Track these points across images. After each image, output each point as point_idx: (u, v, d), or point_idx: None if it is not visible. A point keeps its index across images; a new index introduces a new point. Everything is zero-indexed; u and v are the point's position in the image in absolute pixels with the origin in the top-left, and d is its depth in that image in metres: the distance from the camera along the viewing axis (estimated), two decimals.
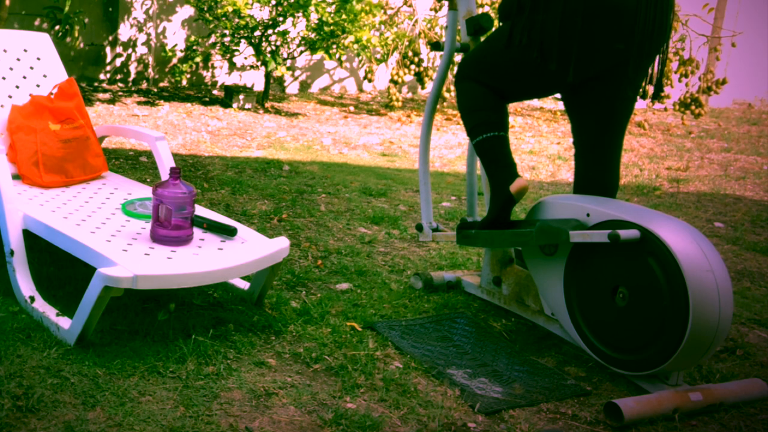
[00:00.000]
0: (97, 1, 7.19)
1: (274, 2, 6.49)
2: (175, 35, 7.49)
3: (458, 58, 7.02)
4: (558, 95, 2.73)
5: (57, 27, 6.10)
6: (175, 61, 7.25)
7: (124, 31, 7.30)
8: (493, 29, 2.72)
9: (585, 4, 2.35)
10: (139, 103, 6.62)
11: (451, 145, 6.09)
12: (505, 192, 2.54)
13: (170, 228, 2.43)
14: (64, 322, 2.33)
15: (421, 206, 2.97)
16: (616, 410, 2.12)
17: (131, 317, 2.49)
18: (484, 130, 2.57)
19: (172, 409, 2.01)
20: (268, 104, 7.03)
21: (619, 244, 2.25)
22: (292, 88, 8.22)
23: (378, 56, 7.28)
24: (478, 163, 3.12)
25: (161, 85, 7.59)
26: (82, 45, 7.14)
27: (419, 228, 2.96)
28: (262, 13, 6.70)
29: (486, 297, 2.89)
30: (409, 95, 8.66)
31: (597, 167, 2.61)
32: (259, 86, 7.72)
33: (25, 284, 2.50)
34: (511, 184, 2.52)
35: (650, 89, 2.64)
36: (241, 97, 6.84)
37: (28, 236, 2.56)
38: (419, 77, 7.02)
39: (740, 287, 3.30)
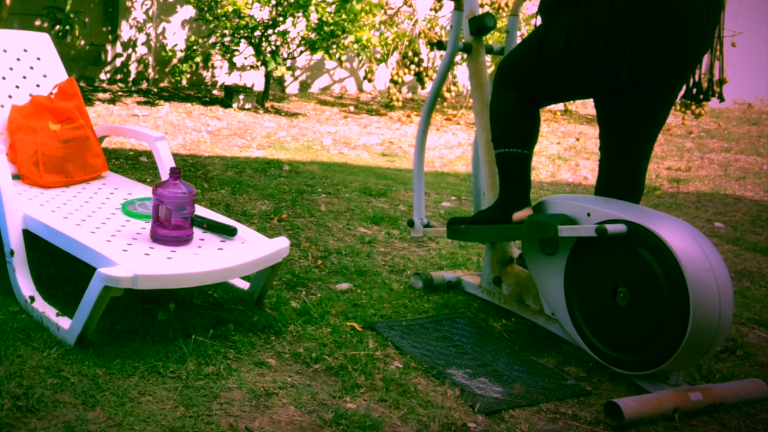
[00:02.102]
0: (97, 1, 7.19)
1: (274, 2, 6.49)
2: (175, 35, 7.49)
3: (458, 57, 7.03)
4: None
5: (57, 27, 6.10)
6: (175, 61, 7.25)
7: (124, 31, 7.30)
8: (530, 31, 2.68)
9: (637, 1, 2.25)
10: (139, 103, 6.62)
11: (451, 145, 6.09)
12: (508, 215, 2.54)
13: (170, 228, 2.43)
14: (64, 322, 2.33)
15: (414, 202, 2.99)
16: (616, 410, 2.12)
17: (131, 317, 2.49)
18: (509, 144, 2.51)
19: (172, 409, 2.01)
20: (268, 104, 7.03)
21: (615, 241, 2.26)
22: (292, 88, 8.22)
23: (378, 56, 7.28)
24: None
25: (161, 85, 7.59)
26: (82, 45, 7.14)
27: (410, 224, 2.98)
28: (262, 13, 6.70)
29: (486, 297, 2.89)
30: (409, 95, 8.66)
31: (624, 175, 2.55)
32: (259, 86, 7.72)
33: (25, 284, 2.50)
34: (517, 212, 2.52)
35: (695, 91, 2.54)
36: (241, 97, 6.84)
37: (28, 236, 2.56)
38: (419, 77, 7.02)
39: (740, 287, 3.30)
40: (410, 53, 6.91)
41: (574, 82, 2.43)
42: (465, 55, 2.90)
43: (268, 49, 6.76)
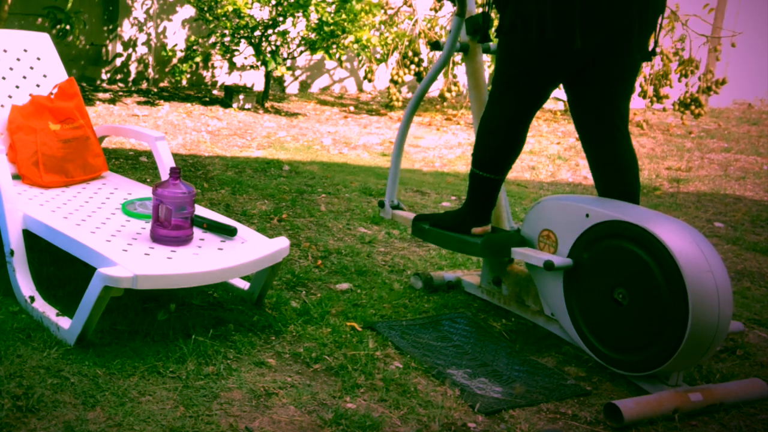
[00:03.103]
0: (98, 0, 7.19)
1: (274, 2, 6.49)
2: (175, 35, 7.49)
3: (458, 57, 7.03)
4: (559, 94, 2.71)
5: (57, 27, 6.10)
6: (175, 61, 7.25)
7: (125, 31, 7.30)
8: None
9: None
10: (139, 103, 6.62)
11: (451, 145, 6.09)
12: (467, 227, 2.67)
13: (170, 228, 2.43)
14: (64, 322, 2.33)
15: (388, 184, 3.04)
16: (616, 411, 2.12)
17: (131, 317, 2.49)
18: (485, 168, 2.62)
19: (172, 409, 2.01)
20: (268, 104, 7.03)
21: (613, 246, 2.29)
22: (292, 88, 8.22)
23: (378, 56, 7.28)
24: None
25: (161, 85, 7.59)
26: (82, 44, 7.14)
27: (381, 204, 3.06)
28: (262, 13, 6.70)
29: (486, 297, 2.89)
30: (409, 95, 8.66)
31: (611, 157, 2.58)
32: (259, 86, 7.72)
33: (25, 284, 2.50)
34: (476, 227, 2.66)
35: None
36: (241, 97, 6.84)
37: (28, 236, 2.56)
38: (419, 77, 7.02)
39: (740, 287, 3.30)
40: (410, 53, 6.91)
41: (541, 64, 2.47)
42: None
43: (268, 49, 6.76)
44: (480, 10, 2.79)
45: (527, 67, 2.50)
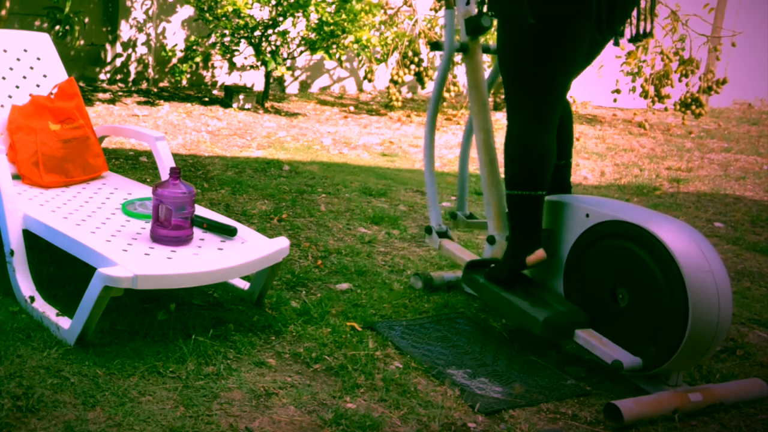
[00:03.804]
0: (97, 1, 7.19)
1: (274, 2, 6.48)
2: (175, 35, 7.49)
3: (458, 57, 7.02)
4: None
5: (57, 27, 6.10)
6: (175, 61, 7.25)
7: (124, 31, 7.30)
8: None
9: None
10: (139, 103, 6.62)
11: (451, 145, 6.09)
12: (521, 260, 2.49)
13: (170, 228, 2.43)
14: (64, 322, 2.33)
15: (429, 208, 2.95)
16: (615, 411, 2.12)
17: (131, 317, 2.49)
18: (520, 186, 2.45)
19: (172, 409, 2.01)
20: (268, 104, 7.03)
21: (613, 246, 2.28)
22: (292, 88, 8.22)
23: (378, 56, 7.28)
24: (471, 161, 3.13)
25: (161, 85, 7.59)
26: (82, 45, 7.14)
27: (428, 231, 2.96)
28: (262, 13, 6.70)
29: None
30: (409, 95, 8.66)
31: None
32: (259, 86, 7.72)
33: (25, 284, 2.50)
34: (531, 254, 2.47)
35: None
36: (241, 97, 6.84)
37: (28, 236, 2.56)
38: (419, 77, 7.02)
39: (740, 287, 3.30)
40: (410, 53, 6.91)
41: (539, 52, 2.43)
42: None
43: (268, 49, 6.76)
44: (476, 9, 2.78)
45: (531, 57, 2.44)
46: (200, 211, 2.69)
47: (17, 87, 3.18)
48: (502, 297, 2.50)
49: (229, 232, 2.56)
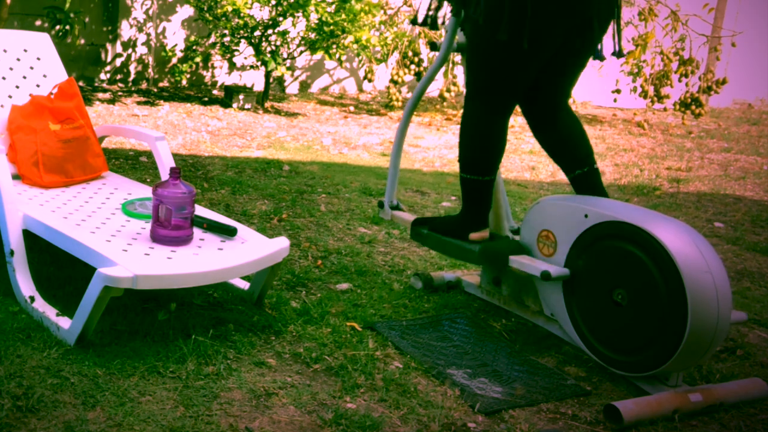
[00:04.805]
0: (97, 1, 7.19)
1: (273, 2, 6.48)
2: (175, 35, 7.49)
3: (458, 57, 7.02)
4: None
5: (57, 27, 6.10)
6: (174, 61, 7.25)
7: (124, 31, 7.30)
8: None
9: None
10: (139, 103, 6.62)
11: (451, 145, 6.09)
12: (465, 233, 2.66)
13: (170, 228, 2.43)
14: (64, 322, 2.33)
15: (387, 185, 3.04)
16: (615, 412, 2.12)
17: (131, 317, 2.49)
18: (474, 171, 2.61)
19: (172, 409, 2.01)
20: (268, 104, 7.03)
21: (612, 247, 2.29)
22: (292, 88, 8.22)
23: (378, 56, 7.29)
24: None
25: (161, 85, 7.59)
26: (82, 45, 7.14)
27: (380, 204, 3.06)
28: (262, 13, 6.70)
29: (486, 297, 2.89)
30: (409, 95, 8.65)
31: (553, 128, 2.68)
32: (259, 86, 7.72)
33: (25, 284, 2.50)
34: (474, 232, 2.65)
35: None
36: (241, 97, 6.84)
37: (28, 236, 2.56)
38: (419, 77, 7.02)
39: (740, 287, 3.30)
40: (410, 53, 6.91)
41: (507, 61, 2.49)
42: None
43: (268, 49, 6.76)
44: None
45: (493, 66, 2.52)
46: (200, 211, 2.69)
47: (17, 87, 3.18)
48: (443, 240, 2.72)
49: (229, 232, 2.56)
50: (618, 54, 2.62)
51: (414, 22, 2.86)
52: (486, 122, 2.58)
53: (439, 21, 2.76)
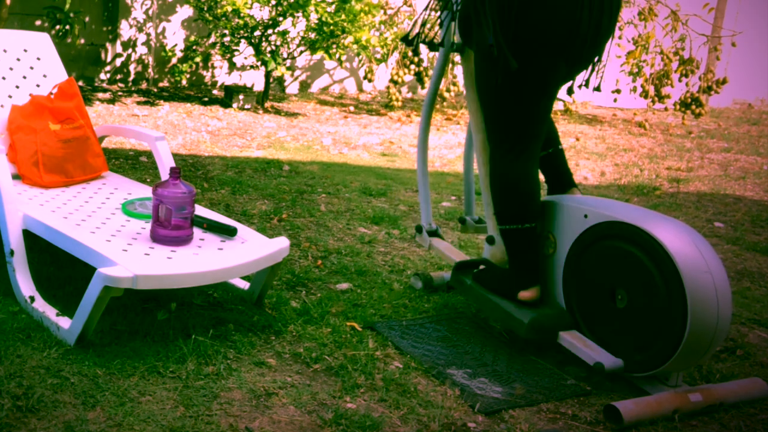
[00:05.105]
0: (97, 1, 7.19)
1: (273, 2, 6.48)
2: (175, 35, 7.49)
3: (458, 57, 7.01)
4: None
5: (57, 27, 6.10)
6: (174, 61, 7.25)
7: (124, 31, 7.30)
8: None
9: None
10: (139, 103, 6.62)
11: (451, 145, 6.09)
12: (514, 292, 2.48)
13: (170, 228, 2.43)
14: (64, 322, 2.33)
15: (421, 207, 2.96)
16: (615, 412, 2.12)
17: (131, 317, 2.49)
18: (512, 221, 2.45)
19: (172, 409, 2.01)
20: (268, 104, 7.03)
21: (611, 247, 2.29)
22: (292, 88, 8.22)
23: (378, 56, 7.28)
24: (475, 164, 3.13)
25: (161, 85, 7.59)
26: (82, 45, 7.14)
27: (418, 229, 2.96)
28: (261, 13, 6.70)
29: None
30: (409, 95, 8.66)
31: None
32: (259, 86, 7.72)
33: (25, 284, 2.50)
34: (523, 291, 2.47)
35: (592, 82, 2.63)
36: (241, 97, 6.84)
37: (28, 236, 2.56)
38: (419, 77, 7.02)
39: (740, 287, 3.30)
40: (410, 53, 6.91)
41: (512, 88, 2.40)
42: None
43: (268, 49, 6.76)
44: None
45: (510, 95, 2.41)
46: (200, 211, 2.69)
47: (17, 87, 3.18)
48: (488, 299, 2.53)
49: (229, 232, 2.56)
50: (596, 88, 2.58)
51: (405, 40, 2.78)
52: (513, 169, 2.46)
53: (436, 40, 2.71)
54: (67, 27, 6.08)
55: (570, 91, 2.59)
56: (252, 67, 6.98)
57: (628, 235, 2.26)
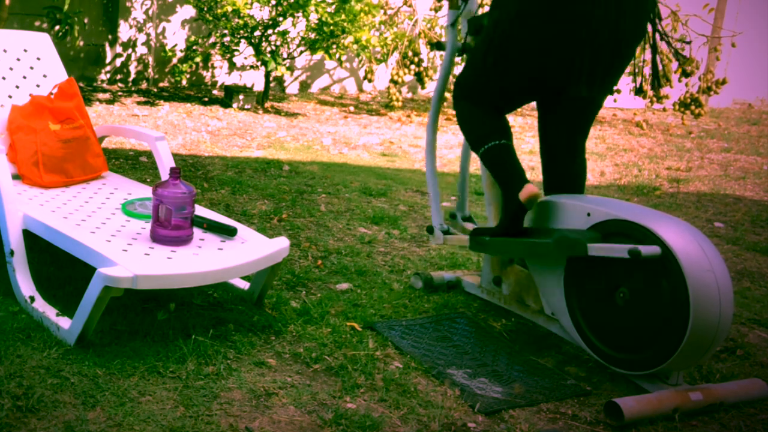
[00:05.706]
0: (97, 1, 7.19)
1: (273, 2, 6.49)
2: (175, 35, 7.49)
3: (458, 58, 7.01)
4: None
5: (57, 27, 6.10)
6: (175, 61, 7.25)
7: (124, 31, 7.30)
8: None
9: (539, 6, 2.40)
10: (139, 103, 6.62)
11: (451, 145, 6.09)
12: (515, 200, 2.49)
13: (170, 228, 2.43)
14: (64, 322, 2.33)
15: (431, 208, 2.94)
16: (616, 409, 2.12)
17: (131, 317, 2.49)
18: (488, 140, 2.56)
19: (172, 409, 2.01)
20: (268, 104, 7.03)
21: (613, 241, 2.27)
22: (292, 88, 8.22)
23: (378, 56, 7.28)
24: (472, 162, 3.13)
25: (161, 85, 7.59)
26: (81, 45, 7.14)
27: (430, 230, 2.92)
28: (262, 13, 6.70)
29: (486, 297, 2.89)
30: (409, 95, 8.66)
31: (565, 163, 2.65)
32: (259, 86, 7.72)
33: (25, 284, 2.50)
34: (520, 191, 2.48)
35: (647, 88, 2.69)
36: (241, 97, 6.84)
37: (28, 236, 2.56)
38: (419, 77, 7.01)
39: (740, 287, 3.30)
40: (410, 53, 6.91)
41: (509, 86, 2.55)
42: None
43: (268, 49, 6.76)
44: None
45: (500, 90, 2.56)
46: (200, 211, 2.69)
47: (17, 87, 3.18)
48: (509, 241, 2.55)
49: (229, 232, 2.56)
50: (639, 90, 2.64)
51: (437, 45, 2.93)
52: (473, 107, 2.62)
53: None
54: (67, 27, 6.08)
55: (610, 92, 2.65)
56: (252, 67, 6.98)
57: (630, 233, 2.26)
